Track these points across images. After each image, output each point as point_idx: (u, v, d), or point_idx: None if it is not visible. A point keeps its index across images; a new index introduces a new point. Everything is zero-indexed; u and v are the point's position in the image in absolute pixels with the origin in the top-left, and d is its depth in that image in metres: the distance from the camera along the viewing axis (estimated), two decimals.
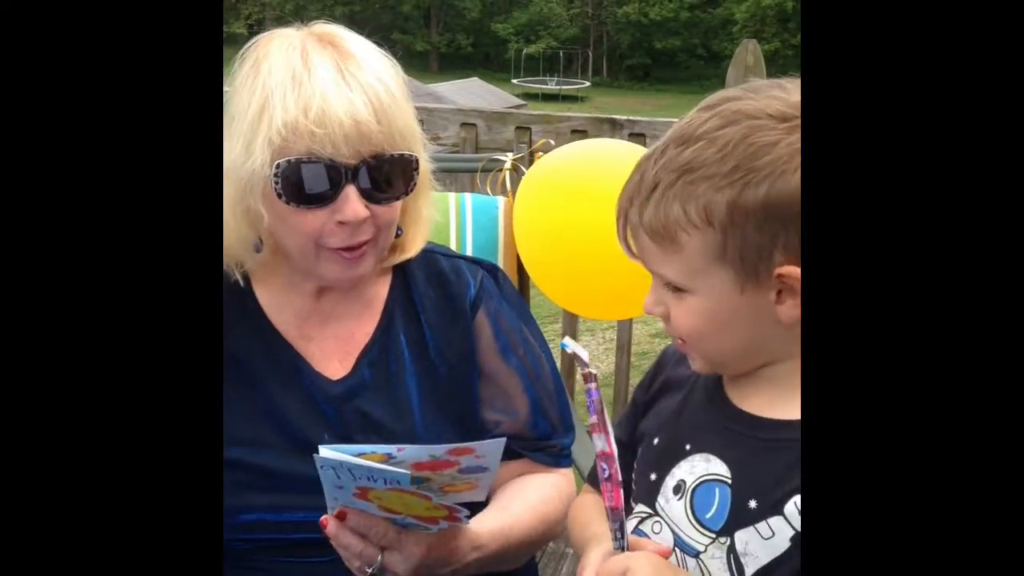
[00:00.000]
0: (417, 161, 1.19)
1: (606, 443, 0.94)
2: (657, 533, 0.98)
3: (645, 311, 0.97)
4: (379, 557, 1.08)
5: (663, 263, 0.91)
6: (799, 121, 0.85)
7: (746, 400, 0.96)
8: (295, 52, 1.15)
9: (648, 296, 0.96)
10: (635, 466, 1.05)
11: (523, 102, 29.88)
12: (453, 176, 2.13)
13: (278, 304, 1.28)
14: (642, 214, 0.89)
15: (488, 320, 1.31)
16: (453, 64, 41.13)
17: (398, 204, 1.20)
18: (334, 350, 1.28)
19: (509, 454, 1.29)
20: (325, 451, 1.01)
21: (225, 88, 1.21)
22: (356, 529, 1.07)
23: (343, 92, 1.11)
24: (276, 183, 1.13)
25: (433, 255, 1.33)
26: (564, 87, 37.83)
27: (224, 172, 1.19)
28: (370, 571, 1.08)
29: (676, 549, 0.96)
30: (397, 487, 1.01)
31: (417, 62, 40.10)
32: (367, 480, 1.01)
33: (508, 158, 1.82)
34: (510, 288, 1.38)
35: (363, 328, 1.29)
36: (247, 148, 1.14)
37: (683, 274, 0.90)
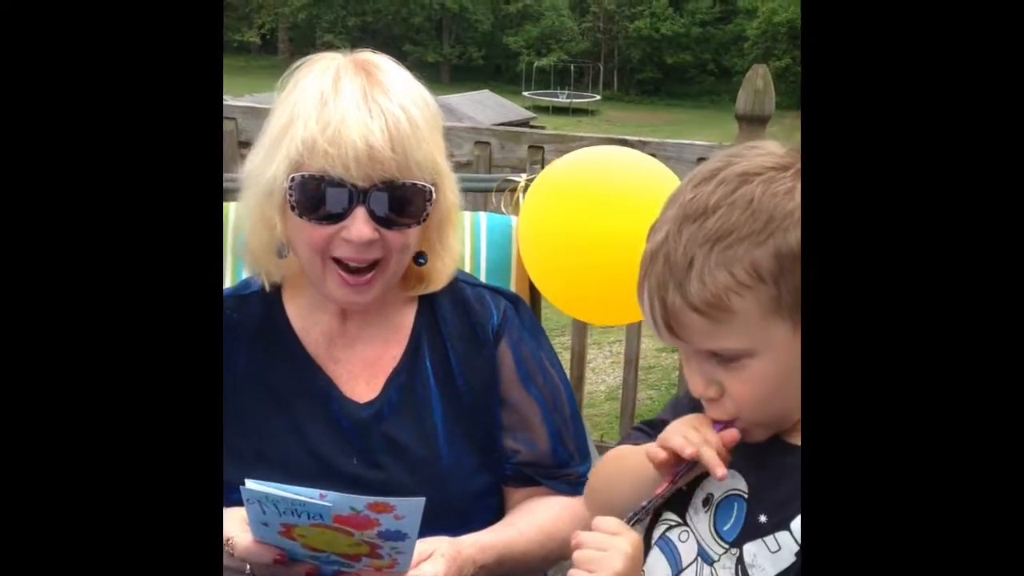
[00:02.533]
0: (431, 192, 1.22)
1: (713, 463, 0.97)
2: (684, 542, 1.03)
3: (696, 395, 0.97)
4: None
5: (718, 336, 0.91)
6: (798, 168, 0.89)
7: None
8: (328, 75, 1.20)
9: (694, 380, 0.96)
10: None
11: (533, 115, 29.92)
12: (465, 194, 2.16)
13: (307, 324, 1.32)
14: (685, 293, 0.90)
15: (510, 349, 1.35)
16: (464, 76, 41.21)
17: (411, 231, 1.22)
18: (361, 372, 1.31)
19: (527, 481, 1.33)
20: (252, 484, 1.04)
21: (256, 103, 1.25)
22: None
23: (362, 116, 1.15)
24: (290, 195, 1.18)
25: (459, 283, 1.38)
26: (575, 100, 37.85)
27: (247, 178, 1.24)
28: None
29: (698, 557, 1.01)
30: (320, 522, 1.04)
31: (428, 73, 39.68)
32: (292, 516, 1.04)
33: (522, 178, 1.86)
34: (530, 318, 1.42)
35: (390, 352, 1.32)
36: (268, 158, 1.19)
37: (743, 338, 0.90)
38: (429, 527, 1.19)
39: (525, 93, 37.61)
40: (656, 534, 1.07)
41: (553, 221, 1.71)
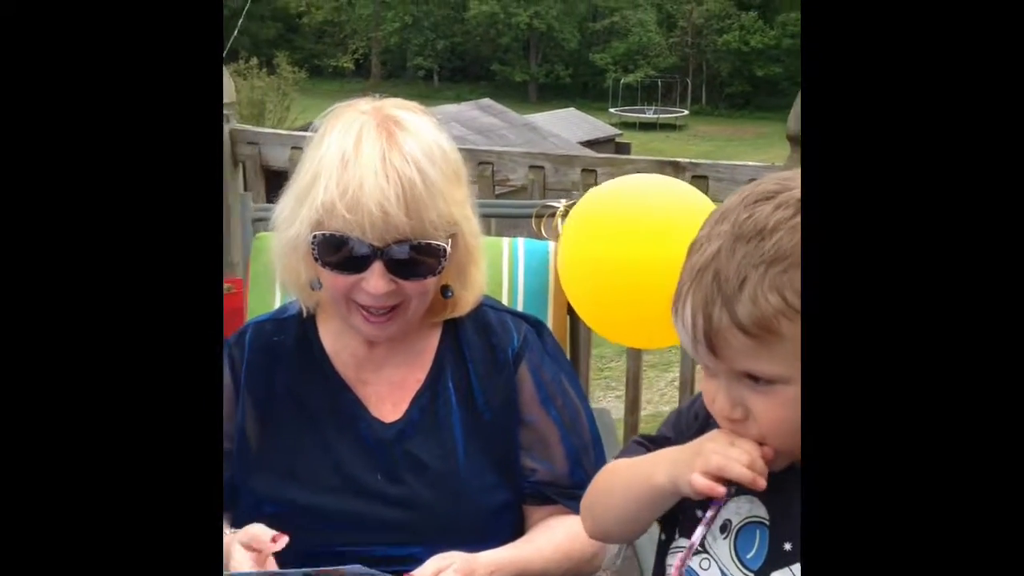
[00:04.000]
0: (445, 249, 1.29)
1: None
2: (705, 570, 1.03)
3: (720, 415, 0.97)
4: None
5: (759, 358, 0.90)
6: None
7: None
8: (351, 134, 1.26)
9: (720, 400, 0.95)
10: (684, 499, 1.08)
11: (619, 131, 29.84)
12: (516, 221, 2.20)
13: (338, 348, 1.41)
14: (733, 312, 0.89)
15: (529, 372, 1.40)
16: (552, 94, 41.38)
17: (428, 280, 1.30)
18: (388, 394, 1.39)
19: (545, 500, 1.38)
20: None
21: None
22: None
23: (379, 182, 1.22)
24: (314, 250, 1.27)
25: (483, 308, 1.44)
26: (662, 116, 37.61)
27: (277, 225, 1.33)
28: None
29: None
30: None
31: (516, 93, 40.54)
32: None
33: (561, 204, 1.90)
34: (553, 342, 1.47)
35: (415, 375, 1.39)
36: (293, 214, 1.29)
37: (784, 363, 0.90)
38: (448, 541, 1.25)
39: (612, 110, 37.55)
40: (676, 562, 1.07)
41: (592, 248, 1.75)
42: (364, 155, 1.23)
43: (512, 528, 1.37)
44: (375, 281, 1.25)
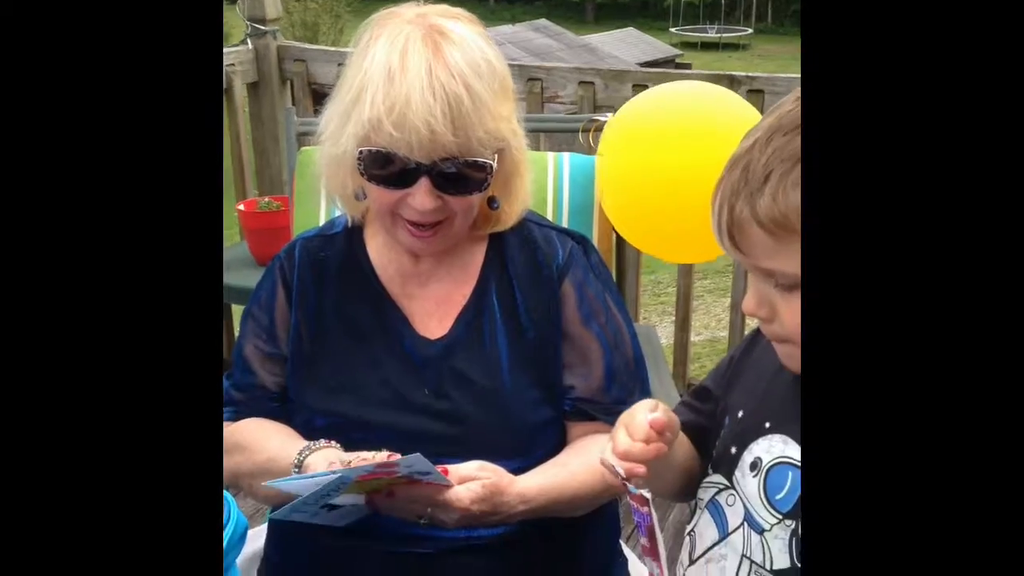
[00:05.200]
0: (491, 166, 1.28)
1: (657, 569, 0.97)
2: (731, 506, 1.02)
3: (746, 312, 0.96)
4: (428, 510, 1.21)
5: (777, 256, 0.88)
6: None
7: None
8: (398, 46, 1.24)
9: (748, 297, 0.95)
10: (721, 435, 1.08)
11: (680, 52, 29.06)
12: (570, 140, 2.18)
13: (384, 262, 1.41)
14: (755, 205, 0.87)
15: (573, 288, 1.39)
16: (610, 14, 40.31)
17: (473, 196, 1.29)
18: (433, 310, 1.39)
19: (585, 416, 1.38)
20: (275, 484, 1.16)
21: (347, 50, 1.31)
22: (404, 500, 1.21)
23: (425, 98, 1.19)
24: (360, 165, 1.27)
25: (527, 223, 1.43)
26: (725, 35, 36.47)
27: (323, 140, 1.33)
28: (422, 522, 1.22)
29: (744, 523, 1.00)
30: (349, 481, 1.13)
31: (573, 13, 39.62)
32: (327, 497, 1.14)
33: (607, 117, 1.86)
34: (597, 259, 1.45)
35: (460, 290, 1.39)
36: (340, 130, 1.28)
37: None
38: (494, 455, 1.27)
39: (672, 29, 36.50)
40: (706, 497, 1.06)
41: (625, 158, 1.72)
42: (410, 69, 1.21)
43: (555, 443, 1.38)
44: (421, 197, 1.25)
